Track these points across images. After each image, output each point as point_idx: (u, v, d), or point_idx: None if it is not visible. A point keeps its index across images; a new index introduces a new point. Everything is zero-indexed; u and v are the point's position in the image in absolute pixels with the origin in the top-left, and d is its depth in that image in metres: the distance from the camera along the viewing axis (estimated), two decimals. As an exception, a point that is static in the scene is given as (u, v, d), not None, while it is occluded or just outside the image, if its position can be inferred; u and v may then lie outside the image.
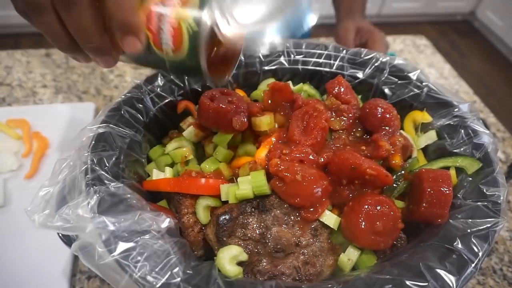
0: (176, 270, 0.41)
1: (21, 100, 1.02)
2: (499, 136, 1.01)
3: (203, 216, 0.53)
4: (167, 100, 0.65)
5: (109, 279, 0.42)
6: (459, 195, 0.53)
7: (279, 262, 0.49)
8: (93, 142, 0.53)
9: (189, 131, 0.62)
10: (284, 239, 0.49)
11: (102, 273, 0.42)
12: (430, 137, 0.62)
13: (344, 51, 0.74)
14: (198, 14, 0.43)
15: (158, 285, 0.39)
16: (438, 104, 0.64)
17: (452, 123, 0.61)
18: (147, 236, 0.43)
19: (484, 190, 0.51)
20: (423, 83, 0.67)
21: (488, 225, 0.47)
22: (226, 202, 0.53)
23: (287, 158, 0.53)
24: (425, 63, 1.25)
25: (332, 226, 0.51)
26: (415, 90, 0.67)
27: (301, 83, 0.74)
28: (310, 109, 0.59)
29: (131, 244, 0.42)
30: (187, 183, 0.53)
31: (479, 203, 0.50)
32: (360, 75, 0.72)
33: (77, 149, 0.53)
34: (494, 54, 3.44)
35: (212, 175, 0.55)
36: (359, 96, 0.72)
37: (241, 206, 0.51)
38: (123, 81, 1.09)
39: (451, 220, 0.49)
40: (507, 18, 3.26)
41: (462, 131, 0.59)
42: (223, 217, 0.50)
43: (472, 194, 0.52)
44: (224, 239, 0.50)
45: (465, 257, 0.44)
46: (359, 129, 0.61)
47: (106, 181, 0.49)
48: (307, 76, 0.75)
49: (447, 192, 0.50)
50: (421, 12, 3.69)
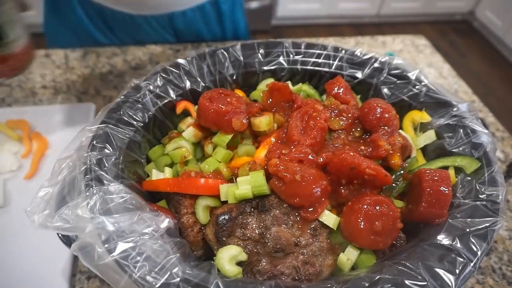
0: (176, 270, 0.41)
1: (21, 101, 1.02)
2: (498, 136, 1.01)
3: (203, 216, 0.53)
4: (166, 101, 0.65)
5: (109, 279, 0.42)
6: (458, 195, 0.53)
7: (279, 262, 0.49)
8: (93, 143, 0.54)
9: (189, 132, 0.62)
10: (284, 239, 0.49)
11: (102, 273, 0.42)
12: (429, 137, 0.62)
13: (343, 51, 0.74)
14: None
15: (158, 285, 0.39)
16: (437, 104, 0.65)
17: (451, 123, 0.61)
18: (147, 236, 0.43)
19: (483, 190, 0.52)
20: (422, 83, 0.67)
21: (487, 225, 0.47)
22: (226, 202, 0.53)
23: (287, 158, 0.53)
24: (424, 63, 1.25)
25: (332, 226, 0.51)
26: (414, 90, 0.67)
27: (300, 83, 0.74)
28: (309, 109, 0.59)
29: (131, 244, 0.42)
30: (187, 183, 0.53)
31: (478, 203, 0.50)
32: (359, 75, 0.72)
33: (77, 150, 0.53)
34: (493, 54, 3.44)
35: (212, 175, 0.56)
36: (358, 96, 0.72)
37: (241, 206, 0.52)
38: (123, 82, 1.09)
39: (450, 220, 0.49)
40: (506, 18, 3.27)
41: (461, 131, 0.59)
42: (223, 217, 0.50)
43: (471, 194, 0.52)
44: (224, 239, 0.50)
45: (464, 257, 0.44)
46: (358, 129, 0.61)
47: (106, 182, 0.49)
48: (306, 76, 0.75)
49: (447, 192, 0.50)
50: (420, 12, 3.69)
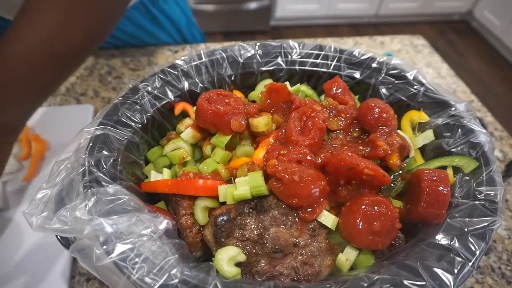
0: (174, 272, 0.41)
1: (19, 103, 1.02)
2: (497, 135, 1.02)
3: (201, 217, 0.53)
4: (165, 102, 0.65)
5: (107, 281, 0.42)
6: (456, 194, 0.53)
7: (277, 263, 0.49)
8: (91, 144, 0.53)
9: (187, 133, 0.62)
10: (282, 240, 0.49)
11: (100, 275, 0.42)
12: (428, 137, 0.63)
13: (342, 52, 0.74)
14: None
15: (156, 287, 0.39)
16: (435, 104, 0.65)
17: (449, 122, 0.61)
18: (145, 238, 0.43)
19: (481, 189, 0.52)
20: (420, 83, 0.67)
21: (485, 224, 0.47)
22: (224, 203, 0.53)
23: (285, 159, 0.53)
24: (423, 63, 1.25)
25: (330, 226, 0.51)
26: (412, 90, 0.67)
27: (299, 84, 0.74)
28: (308, 110, 0.59)
29: (129, 246, 0.42)
30: (185, 184, 0.53)
31: (476, 202, 0.50)
32: (357, 75, 0.72)
33: (75, 151, 0.53)
34: (492, 54, 3.45)
35: (210, 176, 0.56)
36: (357, 96, 0.73)
37: (239, 207, 0.52)
38: (121, 83, 1.09)
39: (449, 219, 0.49)
40: (504, 18, 3.27)
41: (459, 130, 0.60)
42: (221, 218, 0.50)
43: (469, 193, 0.52)
44: (222, 240, 0.50)
45: (463, 256, 0.44)
46: (357, 129, 0.61)
47: (104, 183, 0.49)
48: (305, 77, 0.75)
49: (445, 192, 0.50)
50: (419, 12, 3.70)
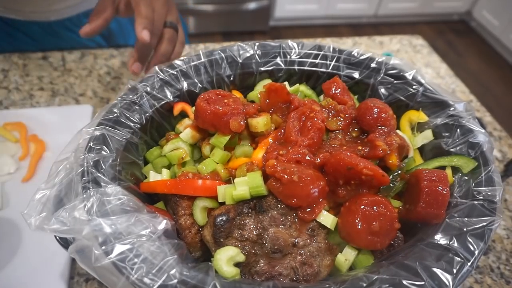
0: (173, 272, 0.41)
1: (18, 103, 1.02)
2: (496, 135, 1.02)
3: (200, 218, 0.53)
4: (164, 102, 0.65)
5: (106, 281, 0.42)
6: (455, 194, 0.53)
7: (277, 263, 0.49)
8: (90, 145, 0.53)
9: (186, 133, 0.62)
10: (281, 240, 0.49)
11: (99, 276, 0.42)
12: (426, 137, 0.63)
13: (341, 52, 0.74)
14: None
15: (155, 287, 0.39)
16: (434, 104, 0.65)
17: (448, 122, 0.61)
18: (144, 238, 0.43)
19: (480, 189, 0.52)
20: (419, 83, 0.68)
21: (484, 224, 0.47)
22: (223, 203, 0.53)
23: (284, 159, 0.53)
24: (422, 63, 1.25)
25: (329, 227, 0.51)
26: (411, 90, 0.67)
27: (298, 84, 0.74)
28: (307, 110, 0.59)
29: (128, 246, 0.42)
30: (184, 185, 0.53)
31: (475, 202, 0.50)
32: (356, 75, 0.72)
33: (74, 152, 0.53)
34: (491, 54, 3.45)
35: (209, 176, 0.55)
36: (355, 96, 0.73)
37: (238, 207, 0.52)
38: (120, 83, 1.09)
39: (448, 219, 0.49)
40: (503, 18, 3.28)
41: (458, 130, 0.60)
42: (220, 218, 0.50)
43: (468, 193, 0.52)
44: (221, 240, 0.50)
45: (462, 256, 0.44)
46: (356, 129, 0.61)
47: (103, 184, 0.49)
48: (304, 77, 0.75)
49: (444, 192, 0.50)
50: (418, 12, 3.71)
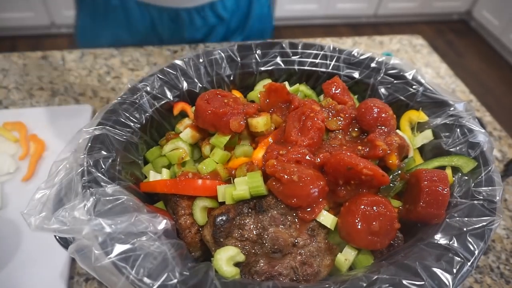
0: (173, 272, 0.41)
1: (18, 103, 1.02)
2: (496, 135, 1.02)
3: (200, 217, 0.53)
4: (163, 102, 0.65)
5: (106, 281, 0.42)
6: (455, 194, 0.53)
7: (277, 263, 0.49)
8: (89, 144, 0.53)
9: (186, 133, 0.62)
10: (281, 240, 0.49)
11: (99, 275, 0.42)
12: (426, 136, 0.63)
13: (340, 52, 0.74)
14: None
15: (155, 287, 0.39)
16: (434, 104, 0.65)
17: (448, 122, 0.61)
18: (144, 238, 0.43)
19: (480, 189, 0.52)
20: (419, 83, 0.68)
21: (484, 224, 0.47)
22: (223, 203, 0.53)
23: (284, 159, 0.53)
24: (422, 63, 1.25)
25: (329, 226, 0.51)
26: (411, 90, 0.68)
27: (298, 84, 0.74)
28: (307, 110, 0.59)
29: (128, 246, 0.42)
30: (184, 184, 0.53)
31: (475, 202, 0.50)
32: (356, 75, 0.72)
33: (74, 152, 0.53)
34: (490, 53, 3.45)
35: (209, 176, 0.55)
36: (355, 96, 0.73)
37: (238, 207, 0.52)
38: (120, 83, 1.09)
39: (448, 219, 0.49)
40: (503, 18, 3.28)
41: (458, 130, 0.60)
42: (220, 218, 0.50)
43: (468, 193, 0.52)
44: (221, 240, 0.50)
45: (461, 256, 0.44)
46: (356, 129, 0.61)
47: (103, 183, 0.49)
48: (304, 77, 0.75)
49: (445, 192, 0.50)
50: (418, 12, 3.71)
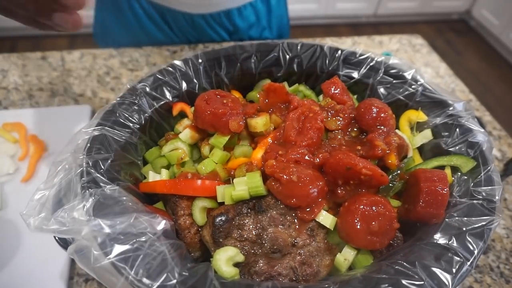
0: (172, 272, 0.41)
1: (17, 103, 1.02)
2: (495, 134, 1.02)
3: (200, 218, 0.53)
4: (163, 102, 0.65)
5: (105, 282, 0.42)
6: (455, 194, 0.53)
7: (276, 263, 0.49)
8: (89, 145, 0.53)
9: (185, 133, 0.62)
10: (281, 240, 0.49)
11: (98, 276, 0.42)
12: (426, 136, 0.63)
13: (340, 51, 0.74)
14: None
15: (154, 287, 0.39)
16: (433, 103, 0.65)
17: (447, 122, 0.61)
18: (143, 238, 0.43)
19: (479, 189, 0.52)
20: (418, 82, 0.68)
21: (483, 223, 0.47)
22: (223, 203, 0.53)
23: (283, 159, 0.53)
24: (421, 62, 1.25)
25: (329, 226, 0.51)
26: (410, 90, 0.67)
27: (297, 84, 0.74)
28: (306, 110, 0.59)
29: (127, 247, 0.42)
30: (183, 185, 0.53)
31: (475, 201, 0.50)
32: (356, 75, 0.72)
33: (73, 152, 0.53)
34: (490, 53, 3.45)
35: (208, 177, 0.55)
36: (355, 96, 0.73)
37: (237, 207, 0.52)
38: (119, 84, 1.09)
39: (447, 219, 0.49)
40: (503, 17, 3.28)
41: (457, 130, 0.60)
42: (220, 218, 0.50)
43: (467, 193, 0.52)
44: (221, 240, 0.50)
45: (461, 256, 0.44)
46: (355, 129, 0.61)
47: (102, 184, 0.49)
48: (303, 77, 0.75)
49: (444, 192, 0.50)
50: (417, 12, 3.70)
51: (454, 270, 0.42)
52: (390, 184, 0.55)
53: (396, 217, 0.49)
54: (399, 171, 0.56)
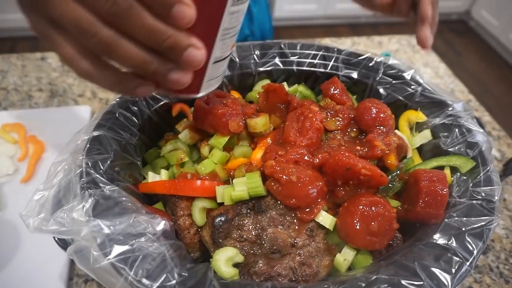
0: (172, 273, 0.41)
1: (17, 104, 1.02)
2: (495, 135, 1.02)
3: (199, 218, 0.53)
4: (162, 103, 0.65)
5: (105, 283, 0.42)
6: (454, 194, 0.53)
7: (275, 263, 0.49)
8: (88, 145, 0.53)
9: (185, 134, 0.62)
10: (280, 240, 0.49)
11: (98, 277, 0.42)
12: (425, 136, 0.63)
13: (339, 52, 0.74)
14: None
15: (154, 288, 0.39)
16: (433, 104, 0.65)
17: (447, 122, 0.61)
18: (143, 239, 0.43)
19: (479, 189, 0.52)
20: (418, 83, 0.68)
21: (483, 223, 0.47)
22: (222, 204, 0.53)
23: (283, 159, 0.53)
24: (421, 63, 1.25)
25: (328, 227, 0.51)
26: (410, 90, 0.68)
27: (296, 84, 0.74)
28: (305, 110, 0.59)
29: (126, 247, 0.42)
30: (183, 185, 0.53)
31: (474, 202, 0.50)
32: (355, 75, 0.72)
33: (72, 153, 0.53)
34: (489, 53, 3.45)
35: (208, 177, 0.55)
36: (354, 96, 0.73)
37: (237, 208, 0.52)
38: (119, 84, 1.09)
39: (446, 219, 0.49)
40: (502, 17, 3.28)
41: (456, 130, 0.60)
42: (219, 219, 0.50)
43: (467, 193, 0.52)
44: (220, 241, 0.50)
45: (460, 256, 0.44)
46: (354, 129, 0.61)
47: (101, 184, 0.49)
48: (302, 77, 0.75)
49: (443, 193, 0.50)
50: (417, 12, 3.70)
51: (454, 270, 0.42)
52: (390, 185, 0.55)
53: (396, 218, 0.49)
54: (399, 172, 0.56)
